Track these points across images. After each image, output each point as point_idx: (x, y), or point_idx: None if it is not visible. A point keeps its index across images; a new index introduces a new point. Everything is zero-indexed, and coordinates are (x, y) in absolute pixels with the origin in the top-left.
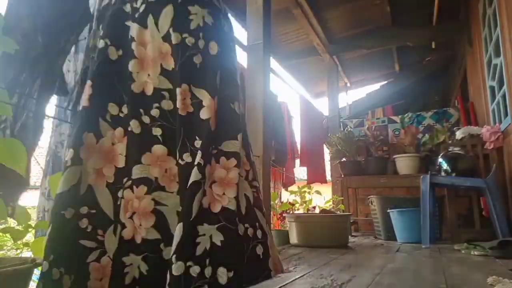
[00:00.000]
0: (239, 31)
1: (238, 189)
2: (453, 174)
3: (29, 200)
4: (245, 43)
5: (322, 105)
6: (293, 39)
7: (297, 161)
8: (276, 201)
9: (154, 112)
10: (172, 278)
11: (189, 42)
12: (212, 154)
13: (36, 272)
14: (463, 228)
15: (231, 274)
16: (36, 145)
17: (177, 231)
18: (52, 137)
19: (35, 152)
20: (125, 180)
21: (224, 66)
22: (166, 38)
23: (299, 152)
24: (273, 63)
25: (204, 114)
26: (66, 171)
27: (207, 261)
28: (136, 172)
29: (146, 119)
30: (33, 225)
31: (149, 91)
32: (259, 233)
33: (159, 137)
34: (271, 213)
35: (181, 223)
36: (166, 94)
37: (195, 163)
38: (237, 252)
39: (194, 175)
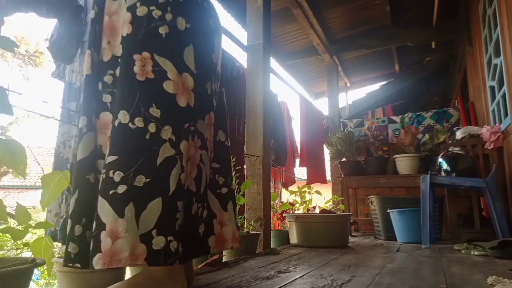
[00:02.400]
0: (239, 31)
1: (201, 171)
2: (453, 174)
3: (29, 200)
4: (245, 43)
5: (322, 105)
6: (293, 39)
7: (297, 161)
8: (276, 201)
9: (107, 78)
10: (152, 252)
11: (155, 15)
12: (190, 131)
13: (36, 272)
14: (463, 228)
15: (181, 248)
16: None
17: (156, 205)
18: (56, 138)
19: (35, 153)
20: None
21: (196, 43)
22: (130, 9)
23: (299, 152)
24: (273, 63)
25: (169, 87)
26: (82, 138)
27: (181, 235)
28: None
29: (100, 85)
30: (33, 225)
31: (106, 57)
32: (205, 213)
33: (108, 104)
34: (271, 213)
35: (160, 197)
36: (120, 61)
37: (164, 137)
38: (187, 229)
39: (167, 151)
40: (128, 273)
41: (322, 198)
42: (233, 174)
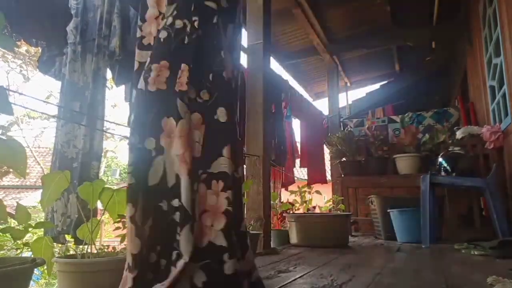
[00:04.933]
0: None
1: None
2: (453, 174)
3: (30, 200)
4: (245, 42)
5: (322, 105)
6: (293, 39)
7: (297, 161)
8: (276, 201)
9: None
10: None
11: None
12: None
13: (36, 272)
14: (463, 228)
15: None
16: None
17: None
18: (57, 137)
19: (35, 153)
20: (200, 172)
21: None
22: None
23: (299, 152)
24: (273, 63)
25: None
26: (153, 162)
27: None
28: (218, 165)
29: (234, 111)
30: (33, 225)
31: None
32: None
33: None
34: (271, 213)
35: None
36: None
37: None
38: None
39: None
40: None
41: (322, 198)
42: None
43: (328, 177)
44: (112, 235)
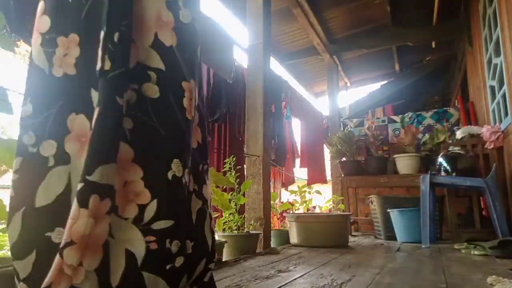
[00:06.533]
0: (239, 31)
1: None
2: (453, 174)
3: None
4: (246, 41)
5: (322, 105)
6: (293, 39)
7: (297, 161)
8: (276, 201)
9: (129, 94)
10: None
11: (197, 27)
12: (205, 171)
13: None
14: (463, 228)
15: None
16: None
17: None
18: None
19: None
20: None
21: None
22: (172, 6)
23: (299, 152)
24: (273, 63)
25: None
26: (47, 174)
27: None
28: (97, 175)
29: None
30: None
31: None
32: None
33: (127, 132)
34: (271, 213)
35: (204, 258)
36: (153, 75)
37: (190, 188)
38: None
39: (195, 203)
40: None
41: (322, 197)
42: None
43: (328, 177)
44: None
